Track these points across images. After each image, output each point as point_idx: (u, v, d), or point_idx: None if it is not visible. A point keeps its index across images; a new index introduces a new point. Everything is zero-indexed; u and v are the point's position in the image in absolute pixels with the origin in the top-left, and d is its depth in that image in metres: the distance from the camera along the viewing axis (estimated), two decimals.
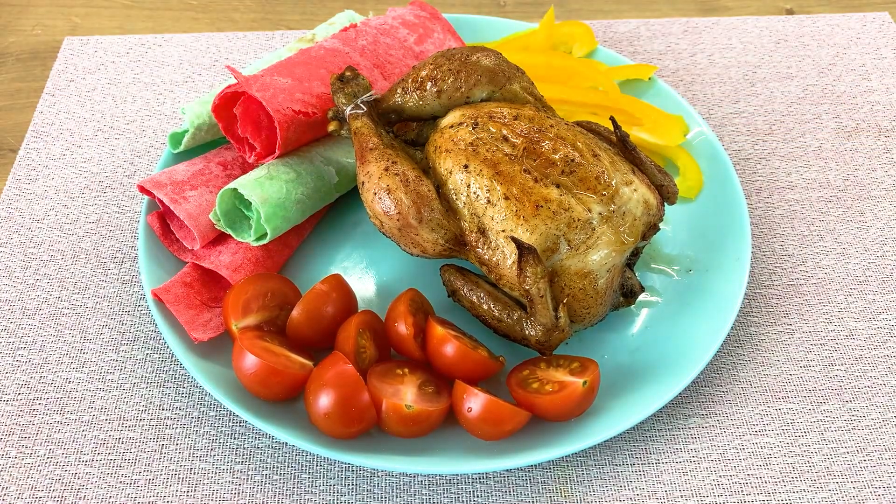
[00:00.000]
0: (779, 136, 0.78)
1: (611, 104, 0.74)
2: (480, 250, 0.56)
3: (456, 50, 0.62)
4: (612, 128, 0.61)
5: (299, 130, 0.62)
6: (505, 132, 0.57)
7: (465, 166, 0.56)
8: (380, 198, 0.55)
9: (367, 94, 0.60)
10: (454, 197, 0.57)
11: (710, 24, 0.89)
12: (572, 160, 0.55)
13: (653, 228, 0.59)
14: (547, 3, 0.93)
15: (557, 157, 0.56)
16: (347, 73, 0.61)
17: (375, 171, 0.56)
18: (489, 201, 0.55)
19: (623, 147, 0.60)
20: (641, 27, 0.89)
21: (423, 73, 0.60)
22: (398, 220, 0.55)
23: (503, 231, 0.54)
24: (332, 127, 0.62)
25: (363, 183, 0.57)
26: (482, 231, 0.55)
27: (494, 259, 0.55)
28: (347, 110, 0.60)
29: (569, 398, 0.53)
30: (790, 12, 0.92)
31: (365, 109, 0.59)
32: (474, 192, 0.56)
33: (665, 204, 0.60)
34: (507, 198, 0.54)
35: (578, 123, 0.62)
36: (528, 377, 0.55)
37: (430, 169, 0.58)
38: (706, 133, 0.72)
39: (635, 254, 0.61)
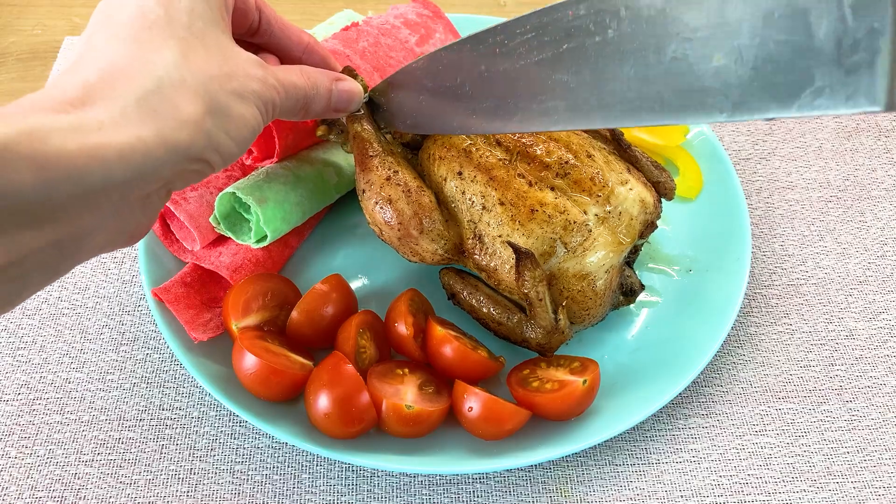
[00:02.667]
0: (779, 136, 0.78)
1: None
2: (478, 256, 0.56)
3: None
4: None
5: (298, 137, 0.62)
6: (498, 136, 0.57)
7: (459, 173, 0.56)
8: (381, 208, 0.55)
9: (366, 96, 0.59)
10: (450, 204, 0.56)
11: None
12: (566, 162, 0.55)
13: (650, 226, 0.59)
14: (547, 3, 0.93)
15: (551, 159, 0.55)
16: (345, 73, 0.60)
17: (377, 179, 0.56)
18: (484, 207, 0.55)
19: (618, 145, 0.60)
20: None
21: None
22: (399, 230, 0.55)
23: (499, 236, 0.54)
24: (320, 132, 0.61)
25: (364, 191, 0.56)
26: (479, 237, 0.55)
27: (492, 264, 0.55)
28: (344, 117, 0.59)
29: (569, 397, 0.53)
30: None
31: (363, 112, 0.58)
32: (469, 199, 0.55)
33: (663, 200, 0.60)
34: (501, 203, 0.54)
35: None
36: (528, 376, 0.55)
37: (426, 176, 0.58)
38: (706, 133, 0.72)
39: (634, 251, 0.61)
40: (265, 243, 0.60)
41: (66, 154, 0.31)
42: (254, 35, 0.51)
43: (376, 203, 0.55)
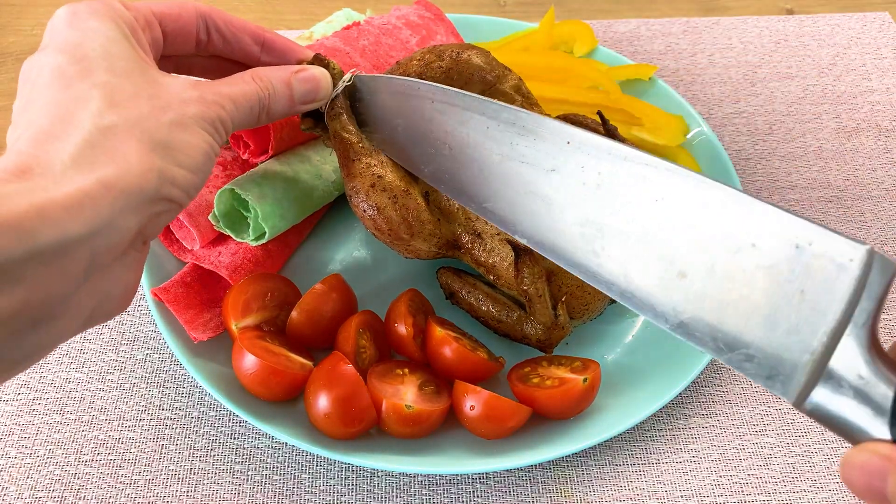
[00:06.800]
0: (779, 136, 0.78)
1: (611, 104, 0.74)
2: (476, 252, 0.56)
3: (445, 46, 0.60)
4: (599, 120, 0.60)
5: (293, 132, 0.62)
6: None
7: None
8: (369, 216, 0.55)
9: (343, 84, 0.54)
10: (447, 202, 0.56)
11: (710, 24, 0.89)
12: None
13: None
14: (547, 3, 0.93)
15: None
16: (315, 62, 0.54)
17: (361, 186, 0.55)
18: None
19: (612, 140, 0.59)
20: (641, 27, 0.89)
21: (411, 70, 0.58)
22: (389, 234, 0.55)
23: (498, 234, 0.54)
24: (304, 125, 0.57)
25: (350, 197, 0.56)
26: (477, 234, 0.55)
27: (491, 261, 0.55)
28: (325, 109, 0.55)
29: (569, 393, 0.53)
30: (790, 12, 0.92)
31: (341, 106, 0.55)
32: None
33: None
34: None
35: (566, 117, 0.62)
36: (529, 373, 0.55)
37: None
38: (706, 133, 0.72)
39: None
40: (264, 240, 0.60)
41: (12, 216, 0.31)
42: (206, 47, 0.49)
43: (364, 211, 0.55)
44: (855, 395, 0.30)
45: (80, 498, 0.54)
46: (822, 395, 0.31)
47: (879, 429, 0.29)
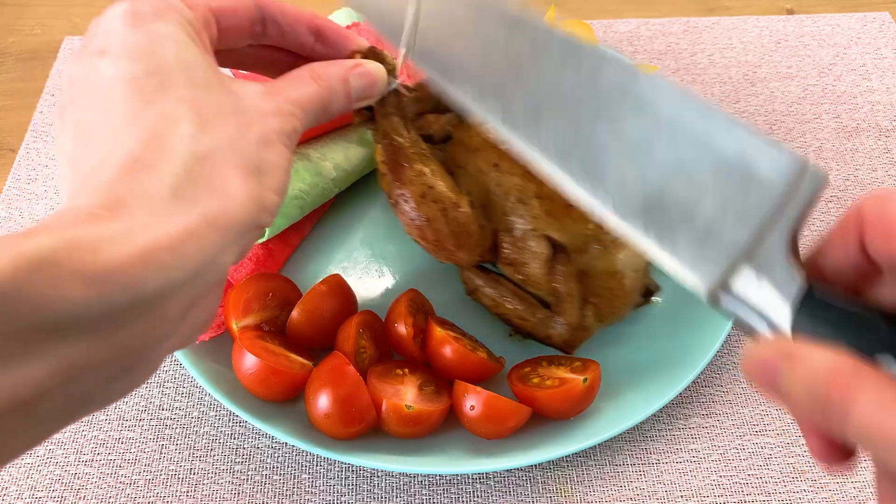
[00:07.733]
0: (779, 135, 0.78)
1: None
2: (507, 249, 0.55)
3: None
4: None
5: None
6: None
7: (496, 165, 0.55)
8: (418, 226, 0.54)
9: (396, 83, 0.49)
10: (484, 197, 0.56)
11: (710, 24, 0.89)
12: None
13: None
14: (547, 3, 0.93)
15: None
16: (370, 55, 0.49)
17: (411, 195, 0.53)
18: (520, 200, 0.54)
19: None
20: (641, 27, 0.89)
21: None
22: (436, 244, 0.54)
23: (533, 230, 0.54)
24: (359, 118, 0.53)
25: (397, 202, 0.54)
26: (510, 229, 0.55)
27: (522, 258, 0.55)
28: (375, 105, 0.52)
29: (569, 394, 0.53)
30: (790, 12, 0.92)
31: (392, 106, 0.52)
32: (505, 192, 0.55)
33: None
34: (538, 197, 0.54)
35: None
36: (529, 374, 0.55)
37: (461, 168, 0.57)
38: None
39: None
40: (264, 238, 0.60)
41: (119, 265, 0.28)
42: (262, 38, 0.45)
43: (413, 220, 0.54)
44: (766, 293, 0.32)
45: (80, 498, 0.54)
46: (735, 291, 0.33)
47: (783, 324, 0.31)
